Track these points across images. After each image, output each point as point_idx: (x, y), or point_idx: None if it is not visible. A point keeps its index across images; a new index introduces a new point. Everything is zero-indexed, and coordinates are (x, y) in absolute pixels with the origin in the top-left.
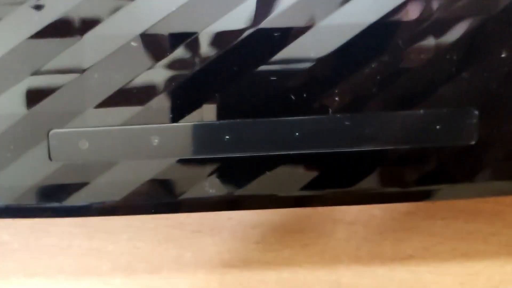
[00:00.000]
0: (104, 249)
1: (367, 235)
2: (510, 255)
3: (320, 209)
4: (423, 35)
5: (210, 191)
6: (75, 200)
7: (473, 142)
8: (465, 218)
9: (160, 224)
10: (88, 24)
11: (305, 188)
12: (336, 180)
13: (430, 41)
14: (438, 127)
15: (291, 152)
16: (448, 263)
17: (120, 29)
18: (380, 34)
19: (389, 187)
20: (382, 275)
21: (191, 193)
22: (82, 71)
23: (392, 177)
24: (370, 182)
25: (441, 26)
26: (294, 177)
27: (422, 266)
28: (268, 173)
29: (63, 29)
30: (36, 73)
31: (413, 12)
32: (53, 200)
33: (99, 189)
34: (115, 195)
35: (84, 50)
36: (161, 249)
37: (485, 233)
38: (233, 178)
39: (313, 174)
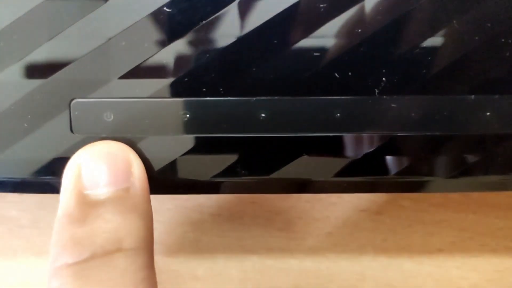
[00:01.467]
0: None
1: (394, 227)
2: None
3: (347, 198)
4: (479, 16)
5: (243, 172)
6: None
7: None
8: (497, 213)
9: (179, 206)
10: None
11: (341, 174)
12: (378, 167)
13: (484, 23)
14: (488, 114)
15: (331, 134)
16: (476, 259)
17: None
18: (433, 12)
19: (432, 175)
20: (408, 269)
21: (222, 174)
22: (107, 38)
23: (436, 165)
24: (414, 170)
25: (498, 8)
26: (331, 162)
27: (449, 261)
28: (305, 155)
29: None
30: (57, 37)
31: None
32: None
33: None
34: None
35: (110, 14)
36: (178, 232)
37: None
38: (268, 159)
39: (352, 157)
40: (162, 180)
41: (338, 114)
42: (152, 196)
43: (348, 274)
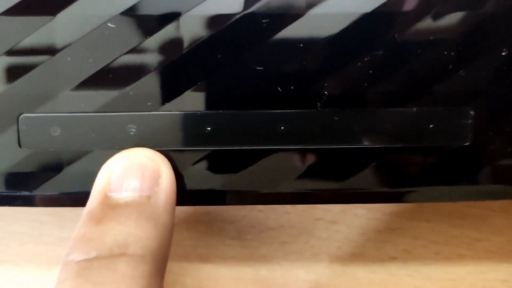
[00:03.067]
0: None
1: (349, 235)
2: (494, 262)
3: (300, 207)
4: (419, 30)
5: (191, 184)
6: (45, 189)
7: (467, 143)
8: (451, 222)
9: None
10: (62, 3)
11: (287, 185)
12: (321, 178)
13: (426, 36)
14: (431, 126)
15: (275, 147)
16: (430, 267)
17: (97, 9)
18: (374, 26)
19: (378, 187)
20: (362, 277)
21: None
22: (54, 52)
23: (381, 176)
24: (358, 181)
25: (438, 22)
26: (278, 174)
27: (403, 269)
28: (249, 168)
29: (35, 7)
30: (5, 53)
31: (409, 5)
32: (22, 188)
33: (71, 178)
34: (88, 186)
35: (57, 30)
36: None
37: (470, 238)
38: (214, 171)
39: (298, 171)
40: None
41: (282, 127)
42: None
43: (302, 282)
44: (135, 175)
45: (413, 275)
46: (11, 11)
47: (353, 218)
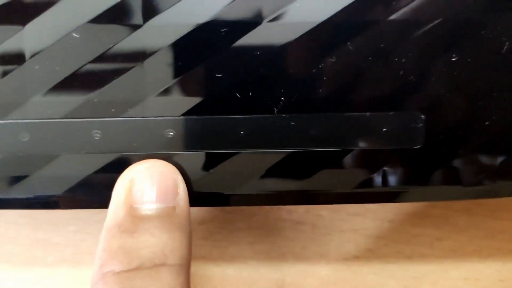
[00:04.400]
0: (50, 240)
1: (313, 235)
2: (456, 260)
3: (268, 208)
4: (372, 37)
5: None
6: (16, 192)
7: (418, 146)
8: (412, 221)
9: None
10: (31, 14)
11: (249, 186)
12: (280, 181)
13: (378, 44)
14: (384, 130)
15: (236, 151)
16: (393, 265)
17: (62, 20)
18: (328, 35)
19: (335, 188)
20: (326, 275)
21: None
22: (23, 61)
23: (337, 178)
24: (314, 183)
25: (390, 29)
26: (239, 176)
27: (366, 267)
28: (211, 170)
29: (5, 17)
30: None
31: (360, 15)
32: None
33: (41, 182)
34: (57, 189)
35: (25, 40)
36: None
37: (432, 237)
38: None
39: (256, 173)
40: (75, 195)
41: (242, 132)
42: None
43: (268, 280)
44: (157, 186)
45: (376, 273)
46: None
47: (318, 219)
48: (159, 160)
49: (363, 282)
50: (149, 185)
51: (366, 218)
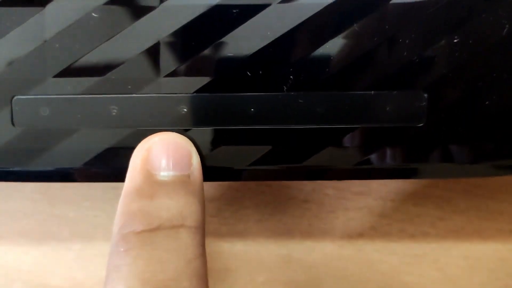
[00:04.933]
0: (65, 215)
1: (319, 213)
2: (456, 239)
3: (275, 187)
4: (377, 19)
5: None
6: (37, 165)
7: (421, 124)
8: (415, 201)
9: (120, 195)
10: None
11: (257, 162)
12: (287, 156)
13: (382, 25)
14: (388, 108)
15: (246, 127)
16: (395, 243)
17: (82, 0)
18: (335, 16)
19: (340, 164)
20: (331, 251)
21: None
22: (43, 40)
23: (342, 155)
24: (320, 159)
25: (394, 11)
26: (248, 151)
27: (369, 245)
28: (222, 146)
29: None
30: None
31: None
32: (15, 164)
33: (60, 155)
34: (75, 162)
35: (46, 19)
36: None
37: (433, 217)
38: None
39: (265, 149)
40: (93, 168)
41: (252, 109)
42: (95, 187)
43: (275, 256)
44: (173, 155)
45: (379, 250)
46: (5, 3)
47: (324, 197)
48: (174, 132)
49: (366, 258)
50: (165, 154)
51: (369, 197)
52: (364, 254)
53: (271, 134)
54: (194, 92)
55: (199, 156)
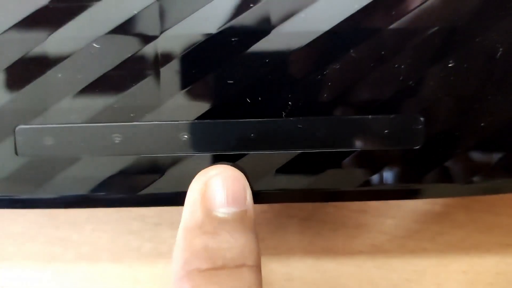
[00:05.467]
0: (69, 238)
1: (320, 231)
2: (456, 254)
3: (277, 206)
4: (373, 45)
5: (167, 187)
6: (42, 193)
7: (418, 146)
8: (414, 218)
9: (123, 217)
10: (54, 25)
11: (259, 185)
12: (288, 179)
13: (379, 51)
14: (386, 131)
15: (247, 152)
16: (395, 259)
17: (83, 31)
18: (332, 43)
19: (340, 187)
20: (332, 269)
21: (150, 189)
22: (46, 70)
23: (342, 177)
24: (321, 182)
25: (390, 37)
26: (250, 175)
27: (370, 262)
28: None
29: (29, 28)
30: (3, 70)
31: (361, 23)
32: (20, 192)
33: (65, 183)
34: (79, 189)
35: (49, 49)
36: (123, 240)
37: (433, 232)
38: (189, 176)
39: (267, 173)
40: (97, 195)
41: (252, 135)
42: (98, 209)
43: (277, 275)
44: (232, 190)
45: (379, 267)
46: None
47: (324, 215)
48: (229, 166)
49: (366, 275)
50: (224, 189)
51: (368, 215)
52: (364, 271)
53: (271, 159)
54: (195, 119)
55: (250, 189)
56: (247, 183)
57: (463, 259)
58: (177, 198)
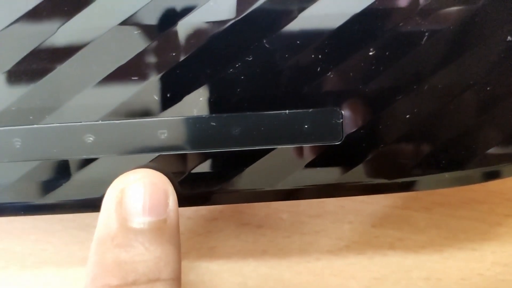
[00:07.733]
0: (12, 249)
1: (274, 238)
2: (416, 260)
3: (227, 212)
4: (287, 34)
5: (75, 193)
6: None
7: (339, 142)
8: (373, 222)
9: (67, 226)
10: None
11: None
12: (204, 181)
13: (294, 41)
14: (306, 127)
15: (162, 153)
16: (354, 266)
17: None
18: (245, 34)
19: (262, 186)
20: (288, 278)
21: (56, 195)
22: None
23: (262, 176)
24: (243, 182)
25: (304, 27)
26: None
27: (327, 269)
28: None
29: None
30: None
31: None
32: None
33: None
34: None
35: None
36: (67, 251)
37: (392, 237)
38: (98, 180)
39: (178, 176)
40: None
41: (163, 134)
42: (41, 219)
43: (230, 285)
44: (149, 198)
45: (337, 275)
46: None
47: (279, 222)
48: (150, 170)
49: (324, 284)
50: (140, 196)
51: (325, 220)
52: (323, 279)
53: (184, 160)
54: (99, 120)
55: (175, 195)
56: (171, 188)
57: (425, 265)
58: (88, 204)
